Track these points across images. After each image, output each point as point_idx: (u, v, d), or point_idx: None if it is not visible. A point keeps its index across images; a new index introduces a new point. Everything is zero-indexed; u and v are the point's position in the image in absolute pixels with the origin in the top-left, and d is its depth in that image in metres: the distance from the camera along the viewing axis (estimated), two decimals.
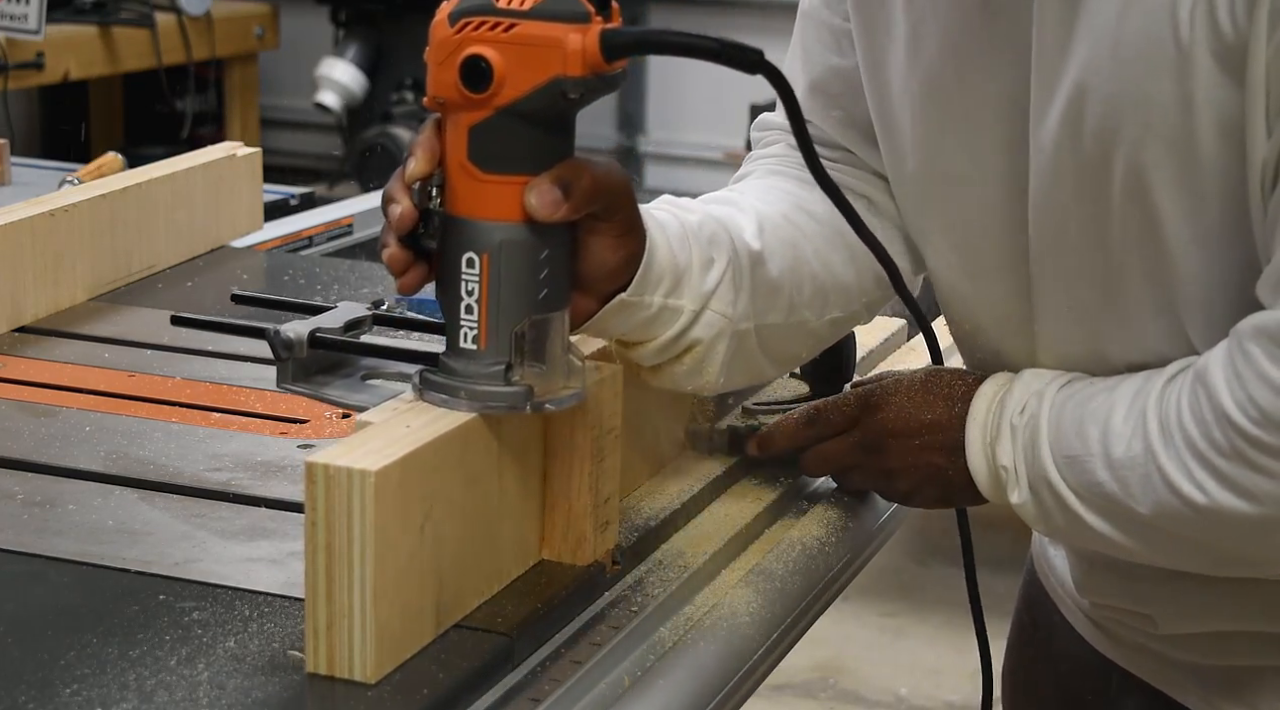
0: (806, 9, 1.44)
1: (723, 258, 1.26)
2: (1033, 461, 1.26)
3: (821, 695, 3.71)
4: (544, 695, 1.10)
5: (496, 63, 1.08)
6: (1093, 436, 1.22)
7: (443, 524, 1.11)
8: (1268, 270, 1.13)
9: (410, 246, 1.14)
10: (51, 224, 1.74)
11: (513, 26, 1.08)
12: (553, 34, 1.08)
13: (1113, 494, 1.21)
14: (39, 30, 4.10)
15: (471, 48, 1.09)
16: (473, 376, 1.13)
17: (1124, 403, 1.21)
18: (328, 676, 1.07)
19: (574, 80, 1.09)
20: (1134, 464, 1.19)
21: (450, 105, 1.11)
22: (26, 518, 1.29)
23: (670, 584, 1.26)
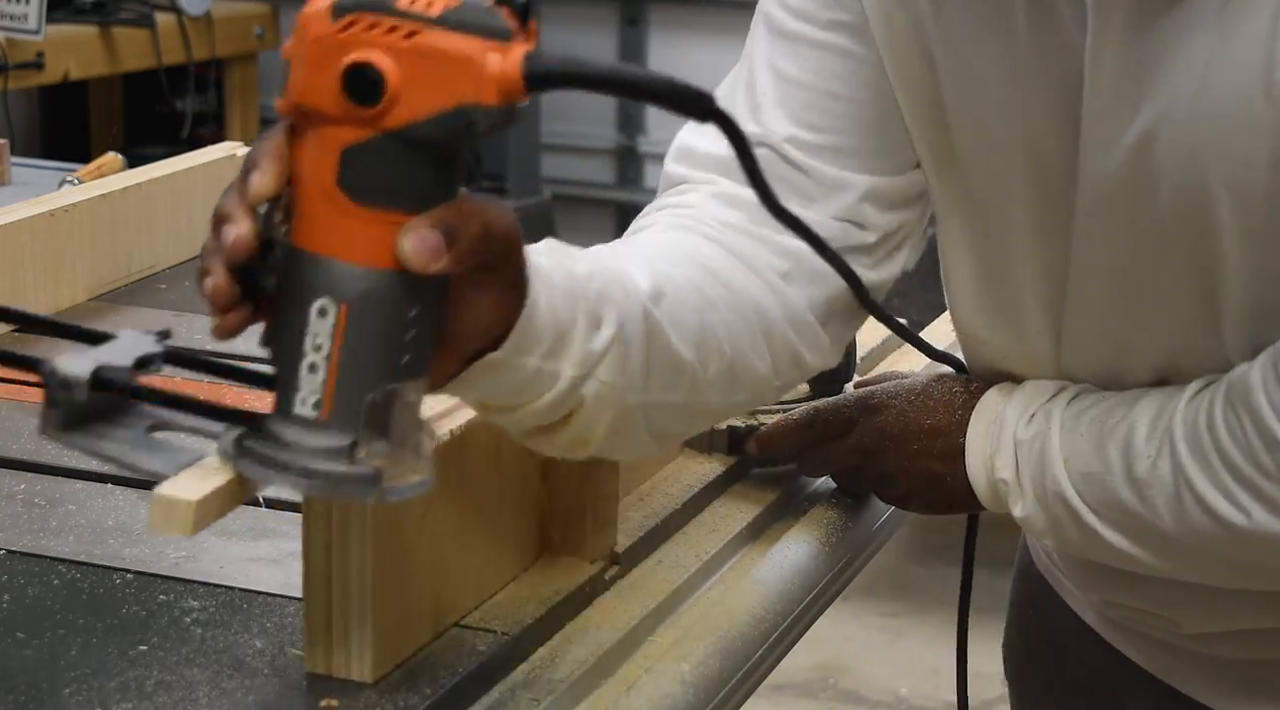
0: (777, 29, 1.28)
1: (612, 318, 1.04)
2: (1041, 477, 1.25)
3: (821, 695, 3.71)
4: (544, 695, 1.10)
5: (392, 75, 0.87)
6: (1113, 454, 1.21)
7: (441, 523, 1.11)
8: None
9: (240, 280, 0.92)
10: (51, 224, 1.75)
11: (415, 34, 0.88)
12: (467, 51, 0.88)
13: (1135, 511, 1.20)
14: (39, 30, 4.09)
15: (360, 51, 0.88)
16: (309, 451, 0.92)
17: (1145, 421, 1.20)
18: (326, 676, 1.07)
19: (485, 110, 0.88)
20: (1160, 483, 1.18)
21: (321, 117, 0.89)
22: (26, 518, 1.29)
23: (670, 584, 1.26)
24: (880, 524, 1.49)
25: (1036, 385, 1.29)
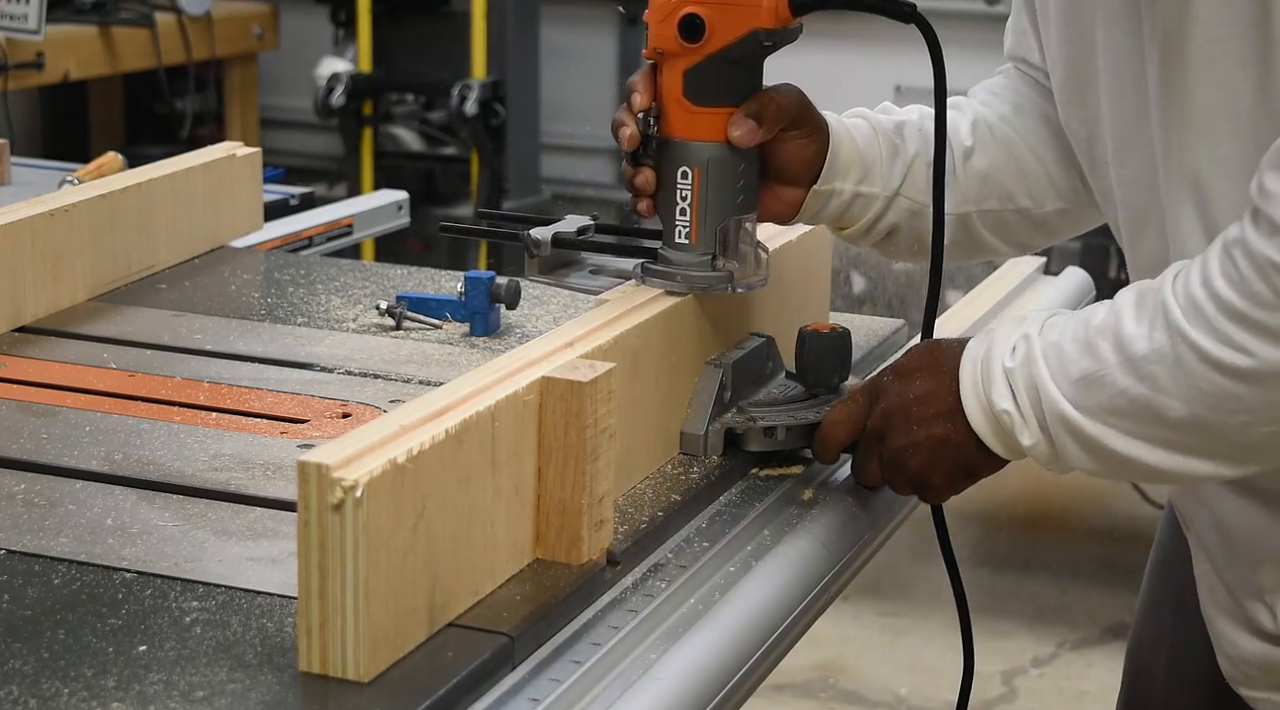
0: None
1: (909, 150, 1.52)
2: (1037, 399, 1.28)
3: (821, 695, 3.71)
4: (544, 695, 1.10)
5: (708, 18, 1.39)
6: (1104, 348, 1.25)
7: (436, 523, 1.11)
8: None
9: (635, 163, 1.44)
10: (51, 224, 1.75)
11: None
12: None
13: (1140, 398, 1.23)
14: (39, 30, 4.09)
15: (687, 8, 1.39)
16: (686, 265, 1.45)
17: (1130, 309, 1.25)
18: (321, 675, 1.07)
19: (768, 32, 1.39)
20: (1161, 356, 1.22)
21: (668, 53, 1.41)
22: (26, 518, 1.29)
23: (669, 584, 1.26)
24: (881, 523, 1.49)
25: (1013, 319, 1.34)
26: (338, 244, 2.42)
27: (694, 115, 1.42)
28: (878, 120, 1.54)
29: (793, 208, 1.50)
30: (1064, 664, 3.68)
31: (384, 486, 1.06)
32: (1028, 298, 2.01)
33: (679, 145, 1.43)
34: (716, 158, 1.43)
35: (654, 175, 1.44)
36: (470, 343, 1.71)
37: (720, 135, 1.42)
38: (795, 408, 1.48)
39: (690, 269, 1.44)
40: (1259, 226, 1.18)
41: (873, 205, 1.52)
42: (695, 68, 1.41)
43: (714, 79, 1.41)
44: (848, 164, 1.50)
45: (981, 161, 1.56)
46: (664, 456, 1.43)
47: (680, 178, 1.43)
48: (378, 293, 1.85)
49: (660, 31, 1.41)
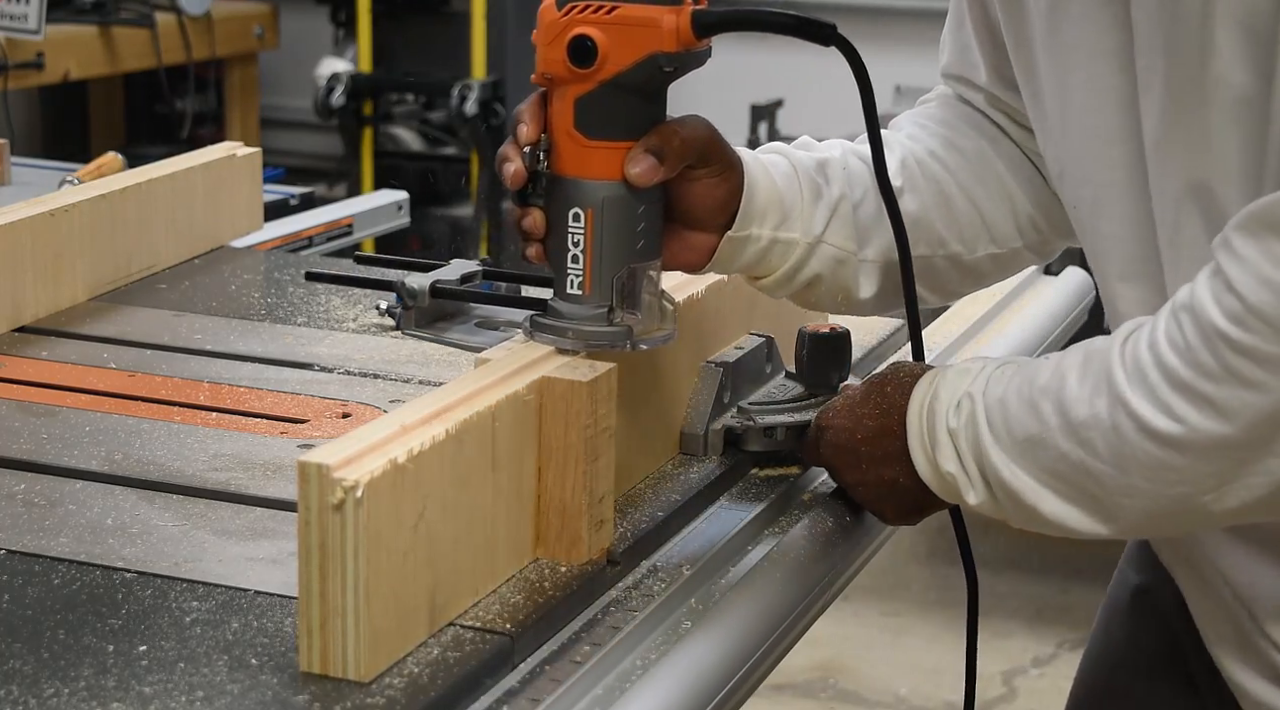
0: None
1: (833, 191, 1.38)
2: (981, 461, 1.25)
3: (821, 695, 3.71)
4: (544, 695, 1.10)
5: (600, 41, 1.23)
6: (1047, 410, 1.20)
7: (436, 523, 1.11)
8: None
9: (523, 204, 1.28)
10: (51, 224, 1.75)
11: (614, 9, 1.23)
12: (650, 15, 1.23)
13: (1077, 461, 1.19)
14: (39, 30, 4.09)
15: (578, 29, 1.23)
16: (578, 319, 1.28)
17: (1075, 370, 1.20)
18: (321, 675, 1.07)
19: (668, 55, 1.24)
20: (1098, 422, 1.17)
21: (557, 80, 1.25)
22: (26, 518, 1.29)
23: (669, 584, 1.26)
24: (880, 524, 1.48)
25: (959, 371, 1.29)
26: (338, 244, 2.42)
27: (587, 150, 1.26)
28: (798, 157, 1.39)
29: (703, 255, 1.34)
30: (1064, 664, 3.68)
31: (384, 486, 1.06)
32: (1027, 298, 2.01)
33: (570, 184, 1.27)
34: (612, 198, 1.26)
35: (543, 217, 1.27)
36: None
37: (616, 173, 1.26)
38: (795, 408, 1.48)
39: (583, 323, 1.27)
40: (1212, 288, 1.11)
41: (792, 253, 1.37)
42: (587, 96, 1.25)
43: (608, 109, 1.25)
44: (765, 206, 1.35)
45: (911, 203, 1.41)
46: (664, 456, 1.43)
47: (572, 220, 1.27)
48: (378, 293, 1.85)
49: (548, 55, 1.25)
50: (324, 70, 5.16)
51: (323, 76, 5.13)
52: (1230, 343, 1.09)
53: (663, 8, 1.23)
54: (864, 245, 1.39)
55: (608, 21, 1.23)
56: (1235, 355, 1.09)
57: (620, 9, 1.23)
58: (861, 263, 1.39)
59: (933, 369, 1.32)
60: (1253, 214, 1.10)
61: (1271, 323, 1.08)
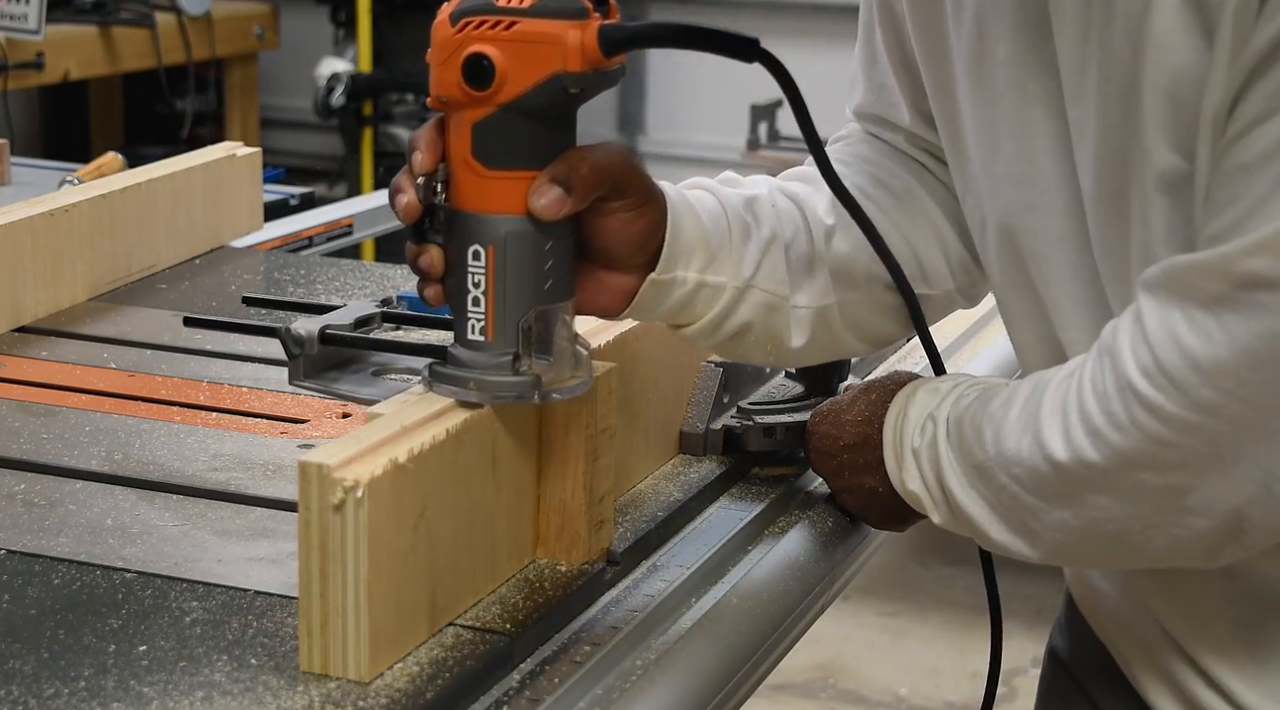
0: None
1: (764, 231, 1.26)
2: (940, 484, 1.23)
3: (821, 695, 3.71)
4: (544, 695, 1.10)
5: (498, 60, 1.10)
6: (988, 439, 1.18)
7: (436, 523, 1.11)
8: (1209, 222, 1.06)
9: (420, 240, 1.16)
10: (51, 224, 1.75)
11: (513, 25, 1.10)
12: (552, 31, 1.10)
13: (1015, 495, 1.17)
14: (39, 30, 4.09)
15: (473, 46, 1.10)
16: (481, 367, 1.15)
17: (1019, 401, 1.17)
18: (321, 675, 1.07)
19: (574, 76, 1.10)
20: (1021, 458, 1.15)
21: (453, 103, 1.12)
22: (26, 518, 1.29)
23: (669, 584, 1.26)
24: None
25: (929, 389, 1.27)
26: (338, 244, 2.42)
27: (486, 181, 1.13)
28: (724, 194, 1.26)
29: (622, 298, 1.20)
30: None
31: (385, 486, 1.06)
32: None
33: (469, 218, 1.14)
34: (515, 234, 1.13)
35: (441, 255, 1.15)
36: None
37: (519, 206, 1.13)
38: (794, 408, 1.48)
39: (486, 372, 1.15)
40: (1131, 337, 1.08)
41: (720, 298, 1.24)
42: (485, 122, 1.12)
43: (509, 136, 1.12)
44: (691, 246, 1.21)
45: (843, 244, 1.30)
46: (664, 456, 1.44)
47: (471, 259, 1.14)
48: (378, 293, 1.85)
49: (442, 76, 1.12)
50: (324, 70, 5.16)
51: (323, 76, 5.13)
52: (1139, 397, 1.07)
53: (567, 23, 1.10)
54: (796, 290, 1.28)
55: (506, 39, 1.10)
56: (1142, 410, 1.07)
57: (520, 24, 1.10)
58: (794, 309, 1.28)
59: (914, 382, 1.30)
60: (1177, 270, 1.06)
61: (1178, 385, 1.05)
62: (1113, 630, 1.33)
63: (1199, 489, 1.09)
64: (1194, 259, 1.05)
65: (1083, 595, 1.37)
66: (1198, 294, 1.04)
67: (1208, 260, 1.04)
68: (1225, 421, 1.05)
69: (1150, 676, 1.28)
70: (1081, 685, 1.41)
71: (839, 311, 1.30)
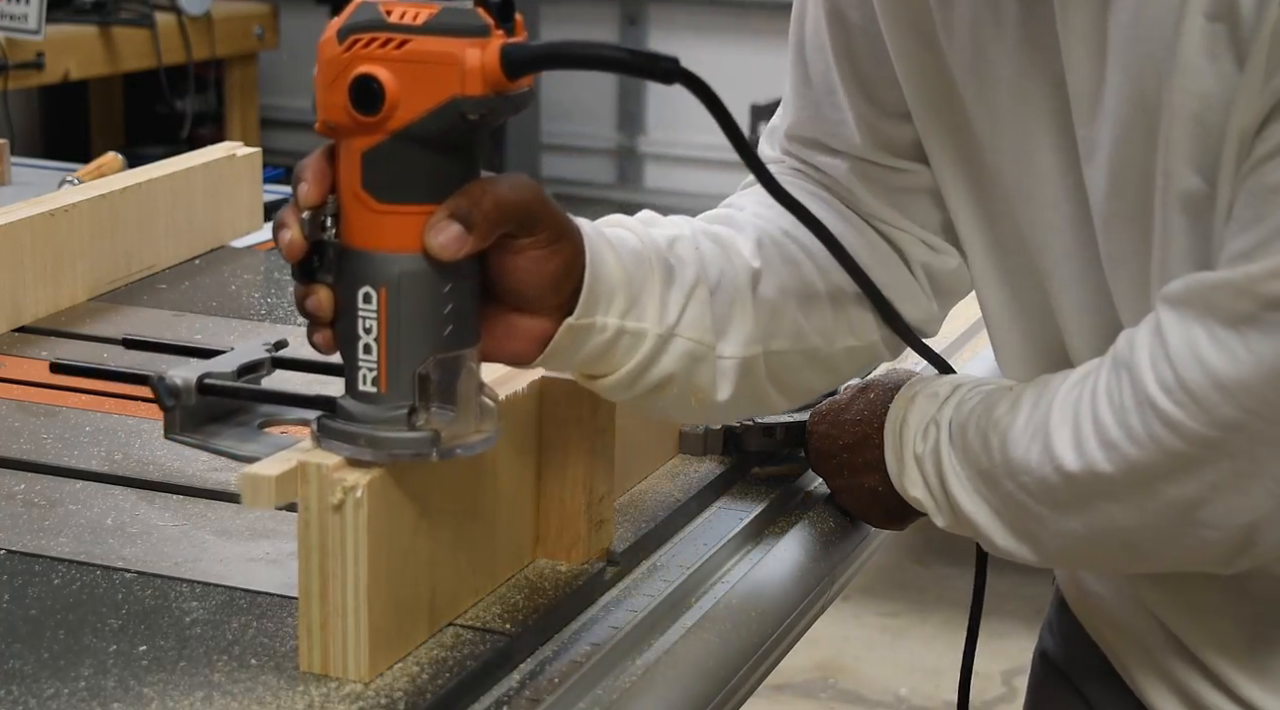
0: None
1: (689, 274, 1.15)
2: (945, 488, 1.23)
3: (821, 695, 3.71)
4: (544, 695, 1.10)
5: (388, 83, 0.99)
6: (994, 445, 1.18)
7: (436, 523, 1.11)
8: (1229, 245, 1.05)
9: (306, 280, 1.05)
10: (51, 224, 1.75)
11: (405, 43, 1.00)
12: (449, 50, 0.99)
13: (1021, 502, 1.17)
14: (39, 30, 4.09)
15: (361, 67, 0.99)
16: (373, 422, 1.04)
17: (1026, 407, 1.17)
18: (321, 675, 1.07)
19: (473, 100, 0.99)
20: (1028, 466, 1.15)
21: (341, 130, 1.02)
22: (26, 518, 1.29)
23: (669, 584, 1.26)
24: None
25: (929, 393, 1.26)
26: None
27: (378, 216, 1.02)
28: (646, 233, 1.16)
29: (534, 344, 1.09)
30: None
31: (384, 487, 1.06)
32: None
33: (360, 257, 1.03)
34: (411, 274, 1.02)
35: (331, 297, 1.05)
36: None
37: (415, 243, 1.02)
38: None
39: (379, 427, 1.04)
40: (1151, 351, 1.07)
41: (641, 346, 1.13)
42: (376, 150, 1.01)
43: (402, 166, 1.01)
44: (612, 289, 1.10)
45: (769, 289, 1.22)
46: (664, 456, 1.43)
47: (362, 302, 1.03)
48: None
49: (329, 99, 1.01)
50: None
51: None
52: (1158, 412, 1.07)
53: (465, 41, 0.99)
54: (721, 338, 1.18)
55: (398, 58, 0.99)
56: (1161, 425, 1.07)
57: (413, 43, 0.99)
58: (719, 360, 1.18)
59: (912, 383, 1.29)
60: (1201, 287, 1.05)
61: (1200, 402, 1.05)
62: (1108, 631, 1.33)
63: (1213, 503, 1.09)
64: (1219, 277, 1.04)
65: (1076, 597, 1.37)
66: (1222, 312, 1.04)
67: (1233, 279, 1.03)
68: (1245, 438, 1.05)
69: (1148, 676, 1.28)
70: (1075, 686, 1.41)
71: (764, 363, 1.21)
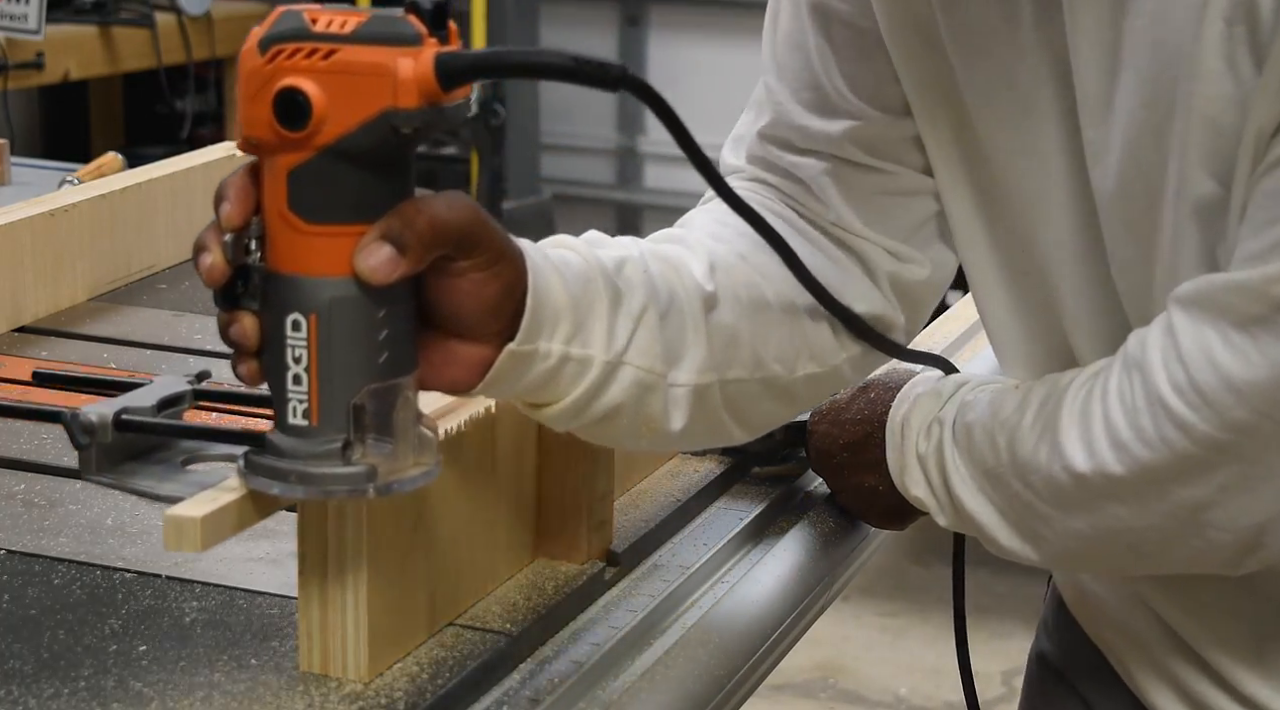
0: None
1: (638, 298, 1.09)
2: (946, 491, 1.22)
3: (821, 695, 3.71)
4: (544, 695, 1.10)
5: (315, 96, 0.93)
6: (1001, 444, 1.17)
7: (436, 523, 1.11)
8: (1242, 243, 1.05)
9: (229, 306, 0.99)
10: (51, 224, 1.75)
11: (333, 53, 0.93)
12: (380, 60, 0.93)
13: (1028, 502, 1.16)
14: (39, 30, 4.09)
15: (286, 79, 0.93)
16: (305, 457, 0.98)
17: (1034, 406, 1.16)
18: (321, 675, 1.07)
19: (407, 113, 0.93)
20: (1037, 464, 1.14)
21: (265, 147, 0.95)
22: (26, 518, 1.29)
23: (669, 585, 1.26)
24: None
25: (932, 392, 1.25)
26: None
27: (305, 237, 0.96)
28: (591, 255, 1.08)
29: (474, 371, 1.02)
30: None
31: None
32: None
33: (287, 282, 0.96)
34: (342, 300, 0.96)
35: (256, 324, 0.98)
36: None
37: (345, 266, 0.95)
38: None
39: (310, 463, 0.98)
40: (1163, 351, 1.06)
41: (587, 374, 1.06)
42: (303, 168, 0.95)
43: (331, 184, 0.95)
44: (556, 313, 1.04)
45: (726, 315, 1.15)
46: (664, 456, 1.43)
47: (291, 330, 0.96)
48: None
49: (252, 113, 0.95)
50: None
51: None
52: (1170, 413, 1.06)
53: (396, 50, 0.93)
54: (673, 366, 1.12)
55: (325, 69, 0.93)
56: (1173, 427, 1.06)
57: (341, 53, 0.93)
58: (671, 388, 1.11)
59: (914, 381, 1.28)
60: (1213, 289, 1.05)
61: (1212, 404, 1.04)
62: (1108, 631, 1.33)
63: (1223, 505, 1.08)
64: (1231, 279, 1.04)
65: (1074, 597, 1.37)
66: (1235, 314, 1.03)
67: (1247, 281, 1.03)
68: (1257, 441, 1.05)
69: (1149, 675, 1.28)
70: (1072, 685, 1.41)
71: (719, 391, 1.15)
